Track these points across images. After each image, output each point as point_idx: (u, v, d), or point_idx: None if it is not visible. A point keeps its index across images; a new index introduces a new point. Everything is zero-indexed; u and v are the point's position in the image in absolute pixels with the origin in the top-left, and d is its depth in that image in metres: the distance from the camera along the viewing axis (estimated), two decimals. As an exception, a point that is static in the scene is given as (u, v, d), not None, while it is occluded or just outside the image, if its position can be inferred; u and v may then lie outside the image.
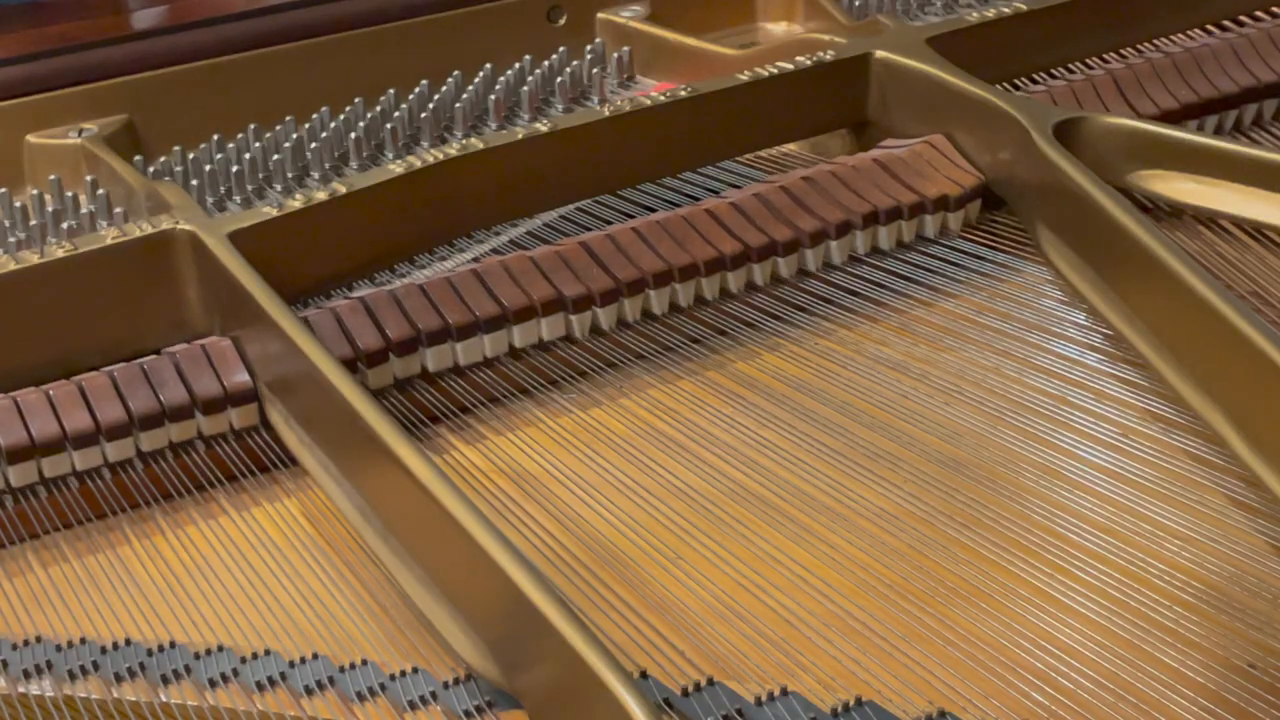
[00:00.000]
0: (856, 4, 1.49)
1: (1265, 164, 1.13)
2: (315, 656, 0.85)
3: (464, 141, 1.17)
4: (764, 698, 0.79)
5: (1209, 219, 1.16)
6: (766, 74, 1.24)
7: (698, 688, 0.80)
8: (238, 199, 1.25)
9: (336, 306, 1.04)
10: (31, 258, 1.03)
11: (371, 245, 1.13)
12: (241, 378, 1.00)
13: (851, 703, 0.79)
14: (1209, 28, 1.39)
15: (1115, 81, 1.29)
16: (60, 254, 1.03)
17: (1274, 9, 1.39)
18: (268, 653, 0.85)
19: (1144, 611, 0.84)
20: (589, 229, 1.16)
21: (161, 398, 0.99)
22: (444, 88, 1.37)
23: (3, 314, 1.01)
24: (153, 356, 1.01)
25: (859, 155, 1.21)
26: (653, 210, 1.19)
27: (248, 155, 1.27)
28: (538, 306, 1.06)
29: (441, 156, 1.14)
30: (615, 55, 1.44)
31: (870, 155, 1.20)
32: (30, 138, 1.24)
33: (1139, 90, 1.28)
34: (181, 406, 0.99)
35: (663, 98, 1.21)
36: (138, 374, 1.00)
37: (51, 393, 0.98)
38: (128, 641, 0.86)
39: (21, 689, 0.84)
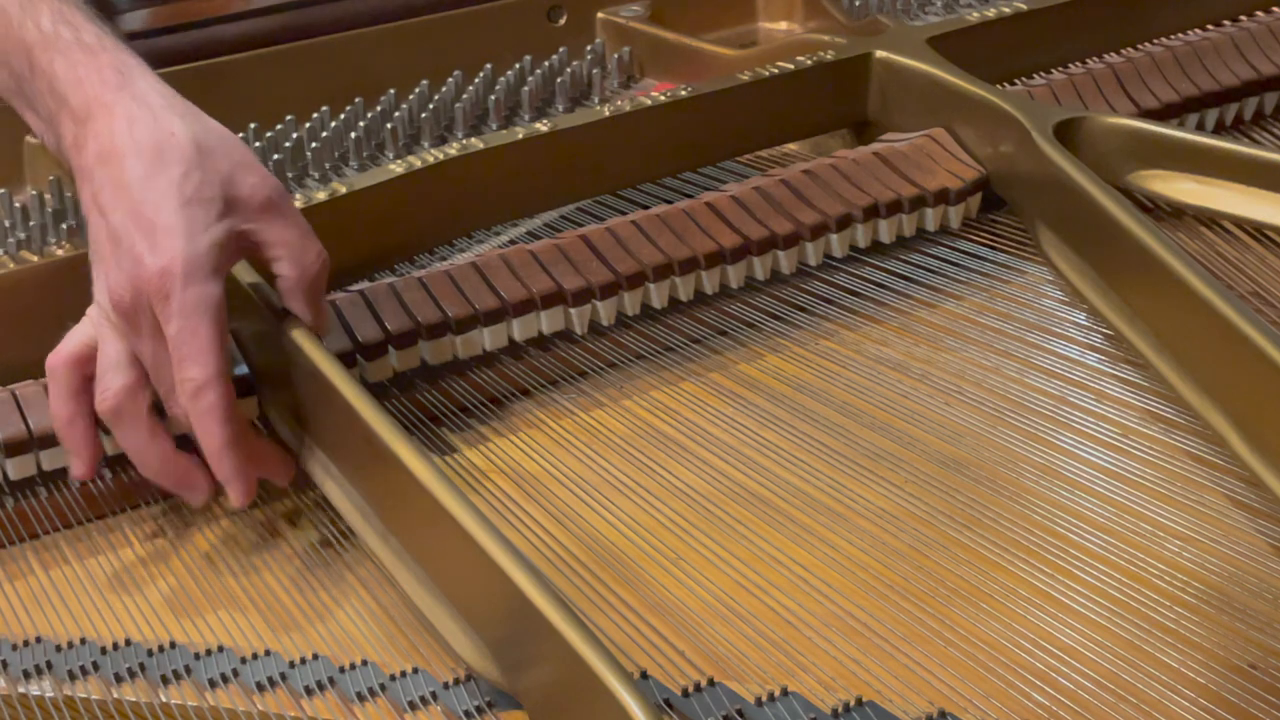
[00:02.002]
0: (856, 4, 1.49)
1: (1266, 164, 1.13)
2: (315, 656, 0.85)
3: (464, 141, 1.17)
4: (764, 698, 0.79)
5: (1209, 219, 1.16)
6: (766, 74, 1.24)
7: (698, 688, 0.80)
8: (238, 199, 1.25)
9: (336, 299, 1.04)
10: (31, 258, 1.03)
11: (371, 245, 1.13)
12: (239, 371, 1.00)
13: (852, 703, 0.79)
14: (1209, 26, 1.39)
15: (1115, 75, 1.28)
16: (60, 254, 1.03)
17: (1274, 8, 1.39)
18: (268, 653, 0.85)
19: (1144, 611, 0.84)
20: (589, 229, 1.16)
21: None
22: (444, 88, 1.37)
23: (3, 313, 1.01)
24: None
25: (859, 149, 1.21)
26: (653, 211, 1.19)
27: (248, 155, 1.27)
28: (537, 299, 1.06)
29: (442, 156, 1.14)
30: (615, 55, 1.44)
31: (870, 149, 1.20)
32: (30, 139, 1.24)
33: (1139, 83, 1.28)
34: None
35: (663, 98, 1.21)
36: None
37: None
38: (128, 641, 0.86)
39: (21, 689, 0.84)
